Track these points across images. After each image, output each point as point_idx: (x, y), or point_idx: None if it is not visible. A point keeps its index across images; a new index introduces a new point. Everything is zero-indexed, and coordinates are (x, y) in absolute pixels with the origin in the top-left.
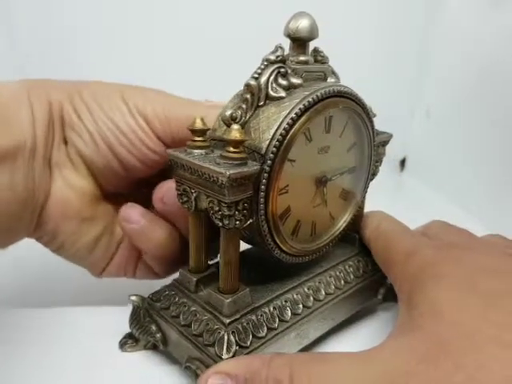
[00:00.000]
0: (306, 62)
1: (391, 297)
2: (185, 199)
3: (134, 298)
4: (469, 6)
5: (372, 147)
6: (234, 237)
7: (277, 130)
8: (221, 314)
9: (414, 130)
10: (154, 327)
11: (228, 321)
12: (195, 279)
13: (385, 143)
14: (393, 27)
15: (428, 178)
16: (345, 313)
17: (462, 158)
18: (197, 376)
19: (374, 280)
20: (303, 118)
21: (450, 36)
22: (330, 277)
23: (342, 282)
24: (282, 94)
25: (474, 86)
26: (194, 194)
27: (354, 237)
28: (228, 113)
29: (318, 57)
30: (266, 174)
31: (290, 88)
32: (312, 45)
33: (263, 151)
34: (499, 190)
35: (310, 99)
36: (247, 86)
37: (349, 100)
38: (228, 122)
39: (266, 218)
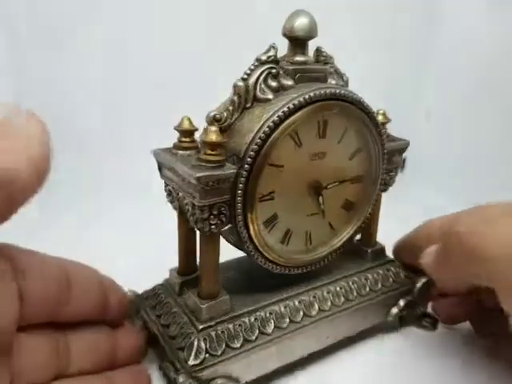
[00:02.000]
0: (303, 63)
1: (405, 320)
2: (171, 199)
3: (130, 293)
4: (469, 7)
5: (381, 155)
6: (213, 241)
7: (256, 134)
8: (196, 319)
9: (414, 130)
10: (141, 323)
11: (201, 327)
12: (180, 281)
13: (401, 151)
14: (393, 27)
15: (428, 178)
16: (344, 332)
17: (463, 158)
18: (169, 378)
19: (382, 300)
20: (288, 122)
21: (449, 36)
22: (329, 292)
23: (342, 299)
24: (270, 95)
25: (474, 86)
26: (179, 195)
27: (366, 251)
28: (211, 114)
29: (321, 57)
30: (242, 179)
31: (279, 90)
32: (314, 44)
33: (241, 154)
34: (499, 190)
35: (296, 102)
36: (234, 87)
37: (347, 104)
38: (211, 123)
39: (245, 223)
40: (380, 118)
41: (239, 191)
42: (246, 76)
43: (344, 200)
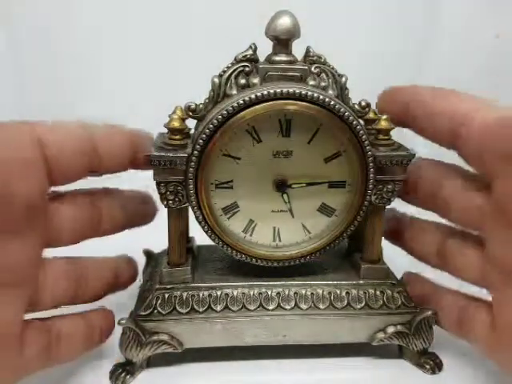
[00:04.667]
0: (280, 62)
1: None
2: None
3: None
4: (469, 6)
5: (367, 163)
6: (174, 216)
7: (207, 123)
8: (159, 280)
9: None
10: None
11: (157, 287)
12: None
13: (401, 163)
14: (392, 27)
15: None
16: (306, 338)
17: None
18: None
19: (363, 321)
20: (239, 116)
21: (450, 36)
22: (296, 294)
23: (310, 303)
24: (234, 91)
25: (474, 86)
26: None
27: (360, 266)
28: (187, 104)
29: (308, 57)
30: (192, 163)
31: (245, 87)
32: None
33: (194, 141)
34: None
35: (247, 98)
36: (211, 81)
37: (312, 105)
38: (187, 112)
39: (198, 205)
40: (383, 123)
41: (190, 174)
42: (222, 73)
43: (320, 204)
